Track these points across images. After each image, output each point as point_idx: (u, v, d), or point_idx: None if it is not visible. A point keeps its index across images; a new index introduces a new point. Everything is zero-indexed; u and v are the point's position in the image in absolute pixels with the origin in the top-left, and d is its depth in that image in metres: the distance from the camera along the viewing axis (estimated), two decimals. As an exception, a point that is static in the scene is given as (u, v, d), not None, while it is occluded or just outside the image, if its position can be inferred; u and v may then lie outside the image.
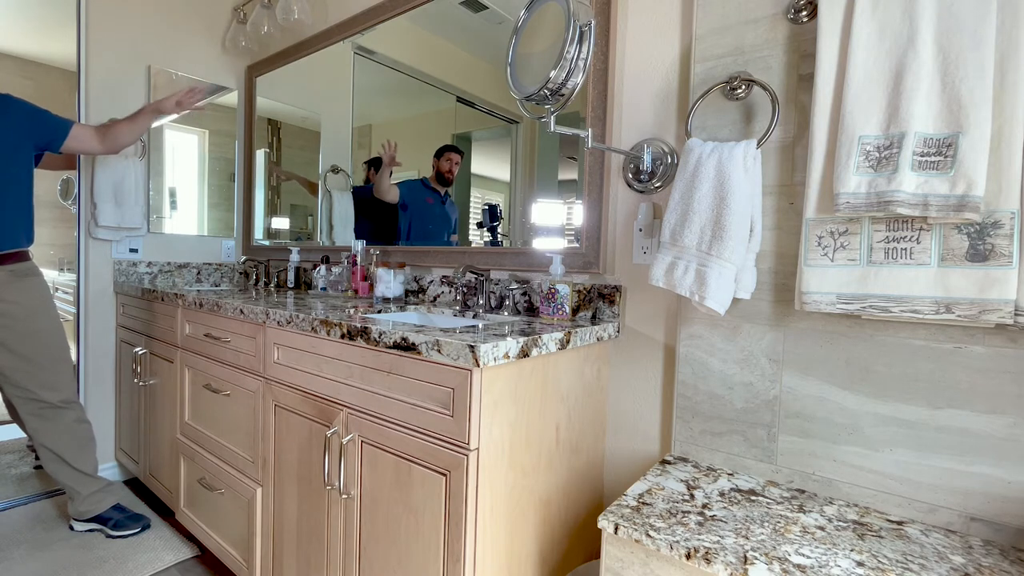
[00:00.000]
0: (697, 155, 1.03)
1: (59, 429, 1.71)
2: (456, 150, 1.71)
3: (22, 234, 1.66)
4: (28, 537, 1.75)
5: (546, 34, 1.03)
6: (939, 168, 0.80)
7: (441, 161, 1.74)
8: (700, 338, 1.13)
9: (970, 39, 0.78)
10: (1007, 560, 0.78)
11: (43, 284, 1.72)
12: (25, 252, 1.68)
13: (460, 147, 1.67)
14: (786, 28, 1.02)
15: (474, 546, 0.92)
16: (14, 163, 1.62)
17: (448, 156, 1.72)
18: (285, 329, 1.30)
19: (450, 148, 1.73)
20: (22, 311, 1.64)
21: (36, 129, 1.67)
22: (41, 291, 1.70)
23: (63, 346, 1.73)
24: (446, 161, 1.72)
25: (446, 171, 1.73)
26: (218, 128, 2.56)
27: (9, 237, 1.61)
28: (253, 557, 1.41)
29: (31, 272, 1.69)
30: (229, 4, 2.56)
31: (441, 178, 1.75)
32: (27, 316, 1.65)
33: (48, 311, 1.71)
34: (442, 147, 1.74)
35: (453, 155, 1.71)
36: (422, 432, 0.99)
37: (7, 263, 1.61)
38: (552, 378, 1.10)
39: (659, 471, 1.07)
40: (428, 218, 1.79)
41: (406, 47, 1.82)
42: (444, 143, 1.72)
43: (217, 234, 2.58)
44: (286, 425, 1.30)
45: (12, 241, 1.62)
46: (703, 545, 0.78)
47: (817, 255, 0.92)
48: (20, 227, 1.65)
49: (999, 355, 0.82)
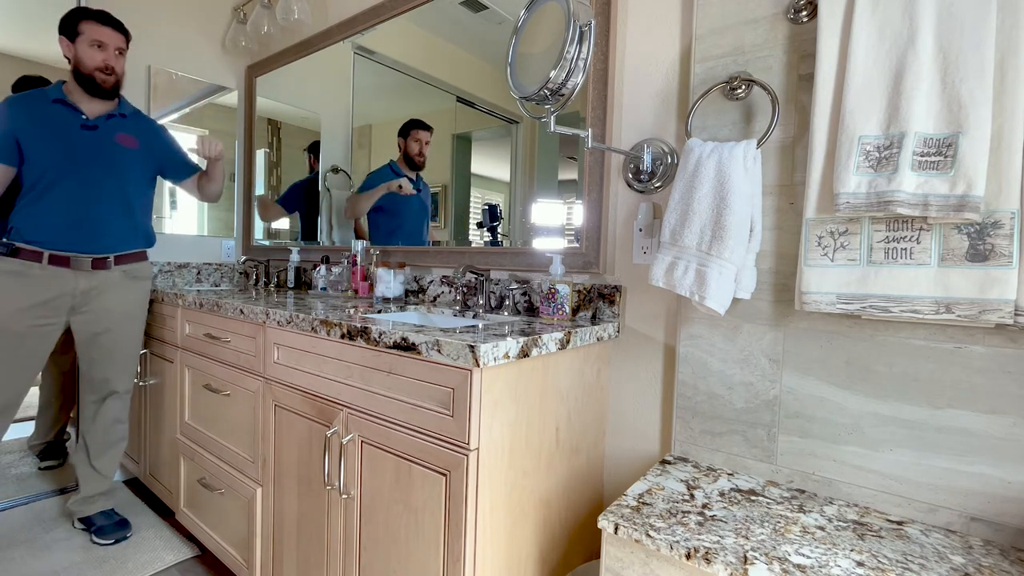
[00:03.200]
0: (697, 155, 1.03)
1: (98, 422, 1.76)
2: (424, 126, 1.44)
3: (141, 237, 1.79)
4: (28, 537, 1.75)
5: (546, 34, 1.03)
6: (939, 168, 0.80)
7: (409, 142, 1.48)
8: (700, 338, 1.13)
9: (970, 39, 0.78)
10: (1007, 560, 0.78)
11: (146, 289, 1.82)
12: (141, 253, 1.80)
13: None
14: (786, 28, 1.02)
15: (474, 546, 0.92)
16: (144, 181, 1.79)
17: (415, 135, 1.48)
18: (285, 329, 1.30)
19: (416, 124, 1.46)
20: (124, 313, 1.73)
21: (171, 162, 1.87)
22: (144, 295, 1.81)
23: (140, 345, 1.84)
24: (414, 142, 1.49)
25: (415, 154, 1.48)
26: (218, 128, 2.56)
27: (126, 239, 1.73)
28: (253, 557, 1.41)
29: (143, 275, 1.80)
30: (229, 4, 2.56)
31: (410, 161, 1.52)
32: (126, 319, 1.74)
33: (143, 315, 1.81)
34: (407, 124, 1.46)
35: (420, 132, 1.48)
36: (422, 432, 0.99)
37: (122, 263, 1.73)
38: (552, 378, 1.10)
39: (659, 471, 1.07)
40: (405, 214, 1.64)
41: (406, 47, 1.82)
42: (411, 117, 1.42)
43: (217, 234, 2.58)
44: (286, 425, 1.30)
45: (128, 243, 1.74)
46: (703, 545, 0.78)
47: (817, 255, 0.92)
48: (140, 231, 1.78)
49: (999, 355, 0.82)
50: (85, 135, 1.65)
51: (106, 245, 1.67)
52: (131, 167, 1.74)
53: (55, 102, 1.63)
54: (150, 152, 1.79)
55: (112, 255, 1.69)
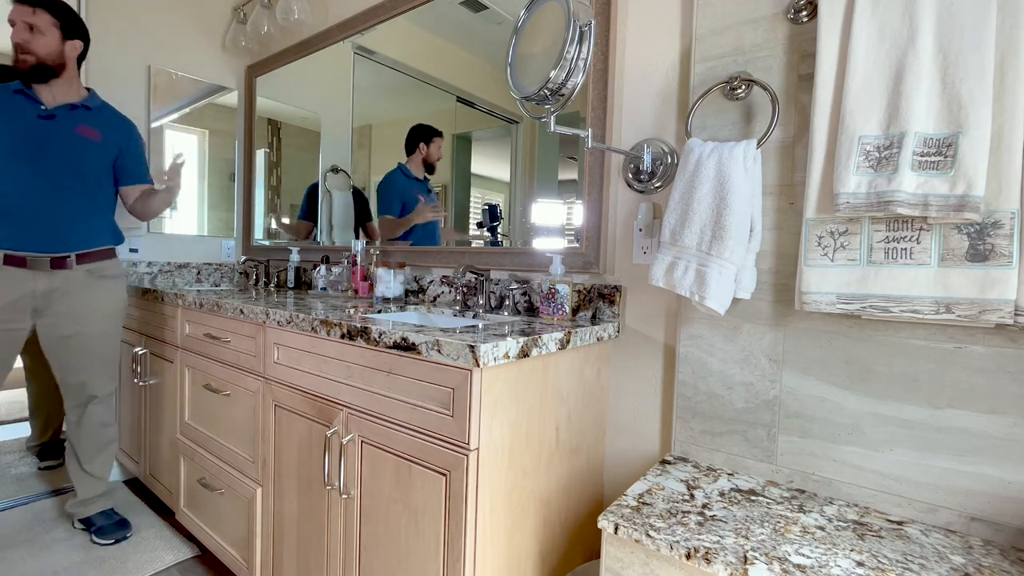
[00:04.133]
0: (697, 155, 1.03)
1: (83, 428, 1.73)
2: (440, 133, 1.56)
3: (107, 234, 1.71)
4: (28, 537, 1.75)
5: (546, 34, 1.03)
6: (939, 168, 0.80)
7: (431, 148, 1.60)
8: (700, 338, 1.13)
9: (970, 39, 0.78)
10: (1007, 560, 0.78)
11: (119, 287, 1.75)
12: (108, 251, 1.72)
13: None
14: (786, 28, 1.02)
15: (474, 546, 0.92)
16: (107, 175, 1.72)
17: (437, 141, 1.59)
18: (285, 329, 1.30)
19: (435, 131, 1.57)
20: (94, 314, 1.66)
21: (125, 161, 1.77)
22: (116, 294, 1.73)
23: (118, 346, 1.78)
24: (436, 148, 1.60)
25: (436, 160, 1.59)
26: (218, 128, 2.56)
27: (88, 237, 1.65)
28: (253, 557, 1.41)
29: (111, 274, 1.72)
30: (229, 4, 2.56)
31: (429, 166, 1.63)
32: (97, 320, 1.68)
33: (117, 316, 1.74)
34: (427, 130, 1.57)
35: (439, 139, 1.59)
36: (422, 432, 0.99)
37: (85, 262, 1.64)
38: (552, 378, 1.10)
39: (659, 471, 1.07)
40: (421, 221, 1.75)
41: (406, 47, 1.82)
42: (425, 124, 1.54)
43: (217, 234, 2.58)
44: (286, 425, 1.30)
45: (91, 240, 1.65)
46: (703, 545, 0.78)
47: (817, 255, 0.92)
48: (105, 228, 1.71)
49: (999, 355, 0.82)
50: (41, 124, 1.56)
51: (66, 243, 1.58)
52: (92, 160, 1.64)
53: (16, 92, 1.56)
54: (111, 146, 1.70)
55: (73, 253, 1.60)
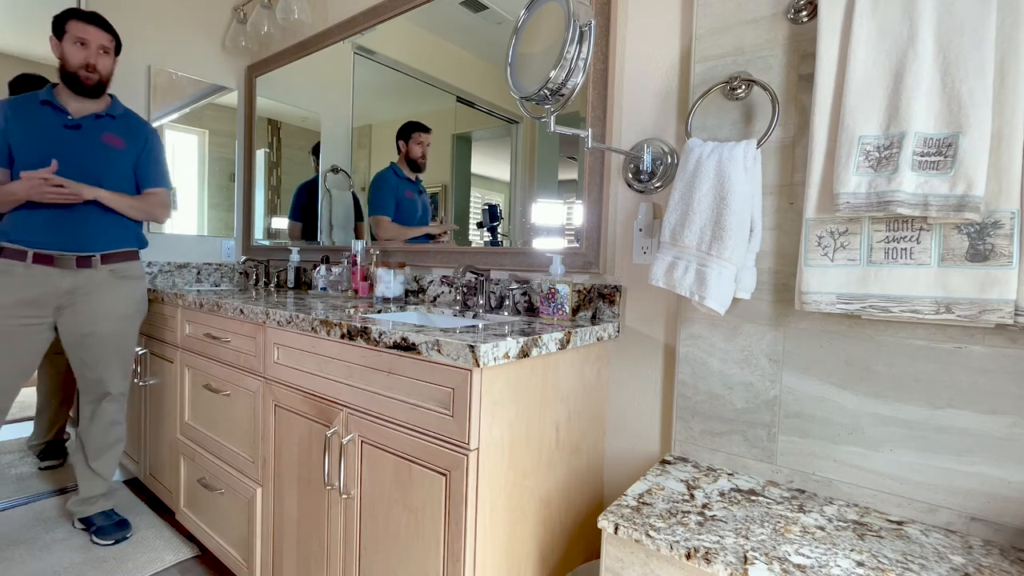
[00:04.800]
0: (697, 155, 1.03)
1: (95, 424, 1.75)
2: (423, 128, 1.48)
3: (131, 238, 1.78)
4: (28, 537, 1.75)
5: (546, 34, 1.03)
6: (939, 168, 0.80)
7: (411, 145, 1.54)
8: (700, 338, 1.13)
9: (970, 39, 0.78)
10: (1007, 560, 0.78)
11: (139, 288, 1.80)
12: (131, 252, 1.79)
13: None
14: (786, 28, 1.02)
15: (474, 546, 0.92)
16: (131, 181, 1.79)
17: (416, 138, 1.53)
18: (285, 329, 1.30)
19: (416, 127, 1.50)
20: (114, 314, 1.72)
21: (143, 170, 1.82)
22: (137, 295, 1.79)
23: (135, 345, 1.82)
24: (416, 145, 1.53)
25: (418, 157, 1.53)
26: (218, 128, 2.56)
27: (114, 238, 1.72)
28: (253, 557, 1.41)
29: (133, 275, 1.78)
30: (229, 4, 2.56)
31: (413, 164, 1.58)
32: (117, 319, 1.73)
33: (137, 316, 1.79)
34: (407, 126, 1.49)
35: (421, 135, 1.52)
36: (422, 432, 0.99)
37: (108, 263, 1.71)
38: (552, 378, 1.10)
39: (659, 471, 1.07)
40: (412, 213, 1.72)
41: (406, 47, 1.82)
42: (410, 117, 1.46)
43: (217, 234, 2.58)
44: (286, 425, 1.30)
45: (116, 242, 1.73)
46: (703, 545, 0.78)
47: (817, 255, 0.92)
48: (129, 232, 1.77)
49: (999, 355, 0.82)
50: (68, 134, 1.64)
51: (91, 244, 1.67)
52: (116, 167, 1.72)
53: (43, 103, 1.64)
54: (132, 152, 1.78)
55: (98, 254, 1.68)
